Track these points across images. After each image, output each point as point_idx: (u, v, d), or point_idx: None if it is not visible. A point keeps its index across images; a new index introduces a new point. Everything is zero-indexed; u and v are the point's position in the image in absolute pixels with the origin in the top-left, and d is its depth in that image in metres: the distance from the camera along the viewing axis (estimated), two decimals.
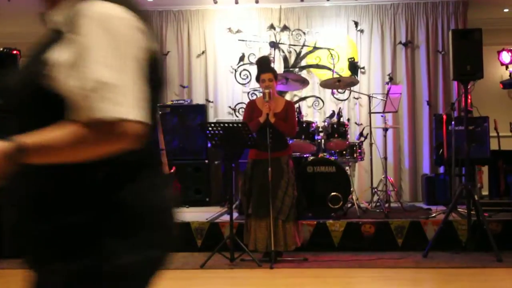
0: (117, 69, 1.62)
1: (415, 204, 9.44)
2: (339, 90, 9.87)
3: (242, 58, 10.41)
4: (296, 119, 6.98)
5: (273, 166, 6.40)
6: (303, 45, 10.35)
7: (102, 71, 1.61)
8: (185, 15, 10.62)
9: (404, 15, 10.33)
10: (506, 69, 10.31)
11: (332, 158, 7.96)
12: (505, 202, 7.86)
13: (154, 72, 1.78)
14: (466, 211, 6.97)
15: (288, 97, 10.19)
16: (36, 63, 1.74)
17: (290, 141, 7.59)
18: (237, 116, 10.20)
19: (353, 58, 10.17)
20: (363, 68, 10.30)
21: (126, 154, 1.68)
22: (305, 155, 8.04)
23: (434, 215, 7.68)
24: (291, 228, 6.60)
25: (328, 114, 8.94)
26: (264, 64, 6.90)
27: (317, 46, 10.25)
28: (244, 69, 10.37)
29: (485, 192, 9.24)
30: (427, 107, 10.18)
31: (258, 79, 6.86)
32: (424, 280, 6.02)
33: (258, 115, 6.65)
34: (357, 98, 10.19)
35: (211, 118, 10.32)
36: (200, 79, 10.58)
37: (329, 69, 9.91)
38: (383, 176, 8.73)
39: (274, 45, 10.15)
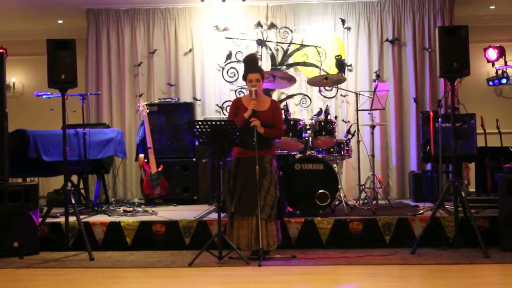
0: None
1: (403, 201, 9.47)
2: (326, 88, 9.89)
3: (229, 56, 10.40)
4: (283, 119, 7.01)
5: (256, 165, 6.40)
6: (290, 43, 10.34)
7: None
8: (172, 13, 10.60)
9: (391, 12, 10.35)
10: (493, 66, 10.35)
11: (320, 155, 7.97)
12: (492, 198, 7.88)
13: None
14: (453, 207, 6.99)
15: (275, 95, 10.20)
16: None
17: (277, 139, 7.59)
18: (224, 114, 10.19)
19: (340, 55, 10.19)
20: (350, 65, 10.31)
21: None
22: (292, 153, 8.04)
23: (421, 211, 7.70)
24: (272, 227, 6.62)
25: (315, 112, 8.95)
26: (251, 63, 6.89)
27: (304, 43, 10.25)
28: (232, 67, 10.36)
29: (472, 189, 9.28)
30: (414, 104, 10.20)
31: (245, 78, 6.86)
32: (412, 276, 6.04)
33: (243, 112, 6.65)
34: (344, 96, 10.21)
35: (199, 116, 10.31)
36: (188, 77, 10.56)
37: (316, 66, 9.92)
38: (370, 173, 8.75)
39: (261, 42, 10.16)
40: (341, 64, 10.19)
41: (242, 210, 6.59)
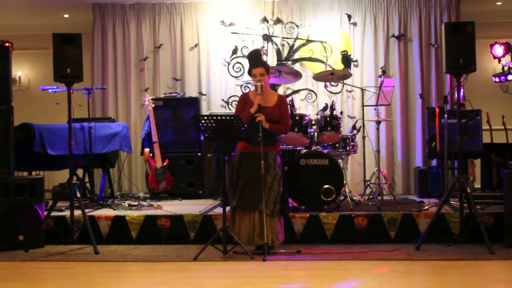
0: None
1: (408, 196, 9.45)
2: (332, 83, 9.86)
3: (235, 51, 10.39)
4: (289, 114, 6.99)
5: (260, 160, 6.40)
6: (296, 38, 10.33)
7: None
8: (178, 8, 10.59)
9: (397, 8, 10.32)
10: (499, 63, 10.31)
11: (325, 151, 7.96)
12: (497, 195, 7.87)
13: None
14: (458, 203, 6.98)
15: (281, 90, 10.19)
16: None
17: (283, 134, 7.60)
18: (230, 109, 10.19)
19: (346, 51, 10.17)
20: (356, 61, 10.30)
21: None
22: (298, 148, 8.04)
23: (426, 207, 7.69)
24: (275, 223, 6.62)
25: (321, 107, 8.94)
26: (255, 58, 6.88)
27: (310, 39, 10.24)
28: (237, 62, 10.35)
29: (477, 185, 9.24)
30: (420, 100, 10.18)
31: (250, 73, 6.86)
32: (416, 272, 6.04)
33: (250, 108, 6.65)
34: (350, 91, 10.19)
35: (204, 111, 10.31)
36: (193, 72, 10.55)
37: (322, 62, 9.90)
38: (376, 169, 8.74)
39: (267, 38, 10.14)
40: (347, 59, 10.17)
41: (244, 206, 6.60)
